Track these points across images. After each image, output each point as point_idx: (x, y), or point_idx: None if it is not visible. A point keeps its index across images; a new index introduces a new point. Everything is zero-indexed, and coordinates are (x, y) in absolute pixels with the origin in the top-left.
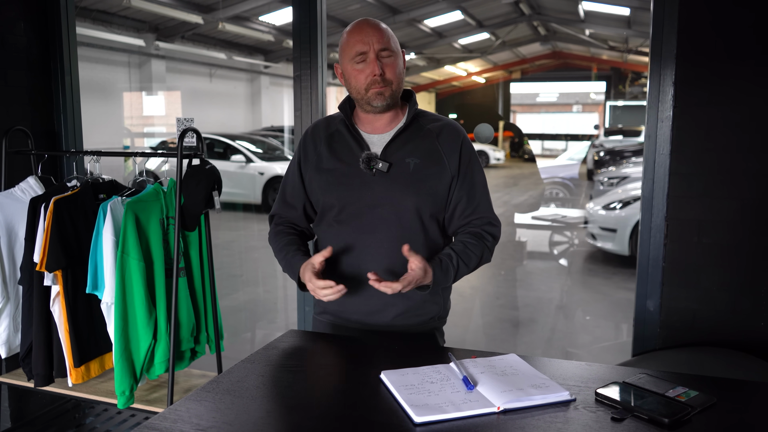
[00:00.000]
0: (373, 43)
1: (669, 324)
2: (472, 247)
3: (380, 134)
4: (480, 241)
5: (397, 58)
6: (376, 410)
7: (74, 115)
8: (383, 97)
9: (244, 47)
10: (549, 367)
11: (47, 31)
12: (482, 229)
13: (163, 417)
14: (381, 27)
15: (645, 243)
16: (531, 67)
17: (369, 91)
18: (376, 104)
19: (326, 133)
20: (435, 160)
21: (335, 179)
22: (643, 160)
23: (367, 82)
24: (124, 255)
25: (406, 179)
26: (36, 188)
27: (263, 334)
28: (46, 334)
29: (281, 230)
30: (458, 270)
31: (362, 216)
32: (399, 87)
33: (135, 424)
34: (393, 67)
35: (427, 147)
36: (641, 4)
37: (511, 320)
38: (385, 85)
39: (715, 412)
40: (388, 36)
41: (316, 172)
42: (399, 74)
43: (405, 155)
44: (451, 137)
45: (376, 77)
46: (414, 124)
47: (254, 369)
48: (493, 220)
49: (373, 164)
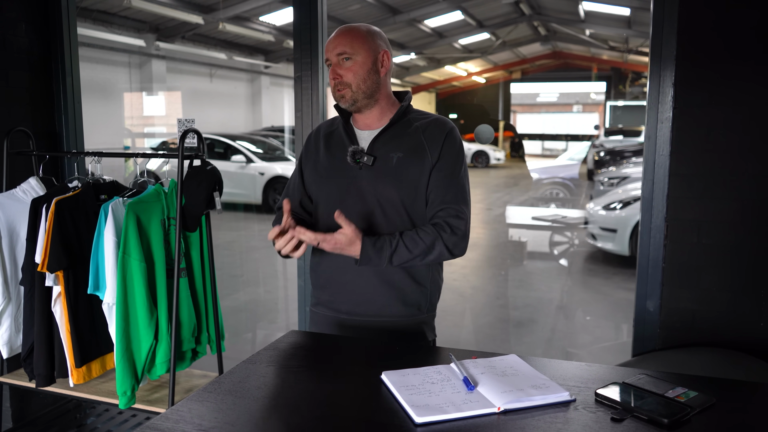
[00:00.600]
0: (334, 48)
1: (669, 324)
2: (423, 234)
3: (371, 130)
4: (435, 229)
5: (361, 60)
6: (377, 411)
7: (75, 115)
8: (345, 99)
9: (245, 47)
10: (549, 367)
11: (48, 32)
12: (444, 221)
13: (165, 417)
14: (346, 32)
15: (645, 243)
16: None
17: (335, 93)
18: (342, 105)
19: (326, 132)
20: (418, 153)
21: (325, 173)
22: (643, 160)
23: (332, 85)
24: (126, 255)
25: (388, 172)
26: (37, 189)
27: (264, 334)
28: (47, 334)
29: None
30: (396, 251)
31: (350, 208)
32: (362, 87)
33: (136, 425)
34: (351, 70)
35: (412, 142)
36: (641, 4)
37: (511, 320)
38: (344, 88)
39: (715, 412)
40: (349, 40)
41: (312, 168)
42: (359, 75)
43: (390, 150)
44: (436, 131)
45: (334, 81)
46: (403, 121)
47: (256, 369)
48: (460, 212)
49: (359, 158)
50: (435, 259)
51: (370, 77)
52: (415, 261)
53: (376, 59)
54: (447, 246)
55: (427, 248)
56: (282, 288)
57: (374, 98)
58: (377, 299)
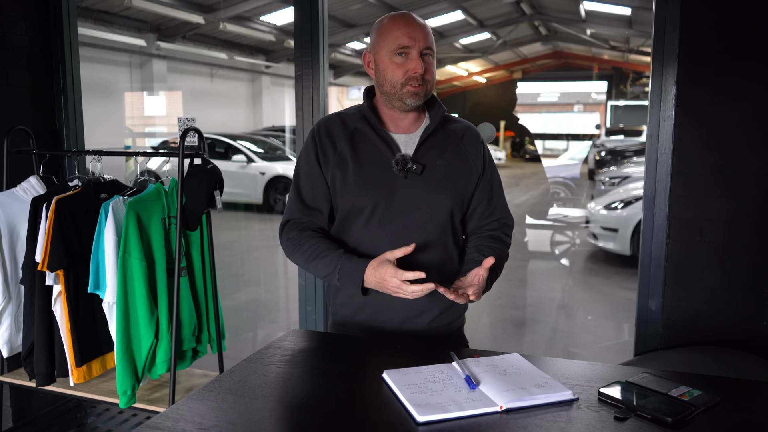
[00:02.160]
0: (419, 39)
1: (671, 323)
2: (499, 251)
3: (406, 134)
4: (503, 244)
5: (434, 60)
6: (379, 409)
7: (76, 114)
8: (418, 97)
9: (246, 47)
10: (552, 366)
11: (49, 31)
12: (502, 232)
13: (165, 416)
14: (427, 25)
15: (647, 242)
16: (532, 67)
17: (405, 87)
18: (408, 102)
19: (345, 132)
20: (462, 161)
21: (366, 180)
22: (645, 159)
23: (405, 78)
24: (126, 254)
25: (438, 181)
26: (38, 188)
27: (265, 333)
28: (47, 333)
29: (310, 234)
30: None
31: (396, 219)
32: (432, 89)
33: (136, 424)
34: (432, 68)
35: (454, 149)
36: (642, 4)
37: (512, 320)
38: (422, 85)
39: (719, 411)
40: (431, 35)
41: (341, 171)
42: (434, 76)
43: (435, 157)
44: (473, 139)
45: (417, 75)
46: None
47: (256, 368)
48: (509, 221)
49: (408, 166)
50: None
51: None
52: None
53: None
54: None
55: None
56: (283, 287)
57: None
58: (425, 315)
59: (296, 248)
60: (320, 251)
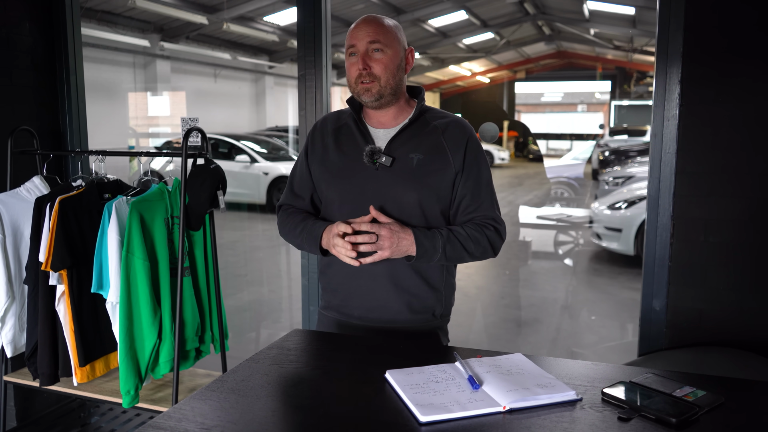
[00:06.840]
0: (363, 37)
1: (675, 324)
2: (467, 229)
3: (386, 129)
4: (480, 228)
5: (392, 54)
6: (381, 410)
7: (79, 115)
8: (370, 93)
9: (249, 47)
10: (555, 366)
11: (52, 31)
12: (484, 221)
13: (168, 416)
14: (378, 22)
15: (651, 242)
16: (535, 67)
17: (358, 86)
18: (364, 99)
19: (334, 126)
20: (439, 155)
21: (337, 172)
22: (649, 159)
23: (355, 76)
24: (129, 254)
25: (408, 174)
26: (41, 188)
27: (268, 333)
28: (51, 333)
29: (293, 211)
30: (448, 241)
31: (364, 210)
32: (390, 83)
33: (140, 423)
34: (382, 62)
35: (432, 143)
36: (646, 3)
37: (515, 320)
38: (372, 80)
39: (723, 412)
40: (383, 31)
41: (321, 164)
42: (390, 70)
43: (409, 150)
44: (456, 133)
45: (361, 71)
46: (420, 119)
47: (259, 368)
48: (496, 219)
49: (377, 158)
50: (481, 255)
51: (398, 74)
52: (464, 256)
53: (404, 56)
54: (490, 242)
55: (474, 242)
56: (286, 287)
57: (396, 96)
58: (391, 305)
59: (283, 226)
60: (297, 222)
